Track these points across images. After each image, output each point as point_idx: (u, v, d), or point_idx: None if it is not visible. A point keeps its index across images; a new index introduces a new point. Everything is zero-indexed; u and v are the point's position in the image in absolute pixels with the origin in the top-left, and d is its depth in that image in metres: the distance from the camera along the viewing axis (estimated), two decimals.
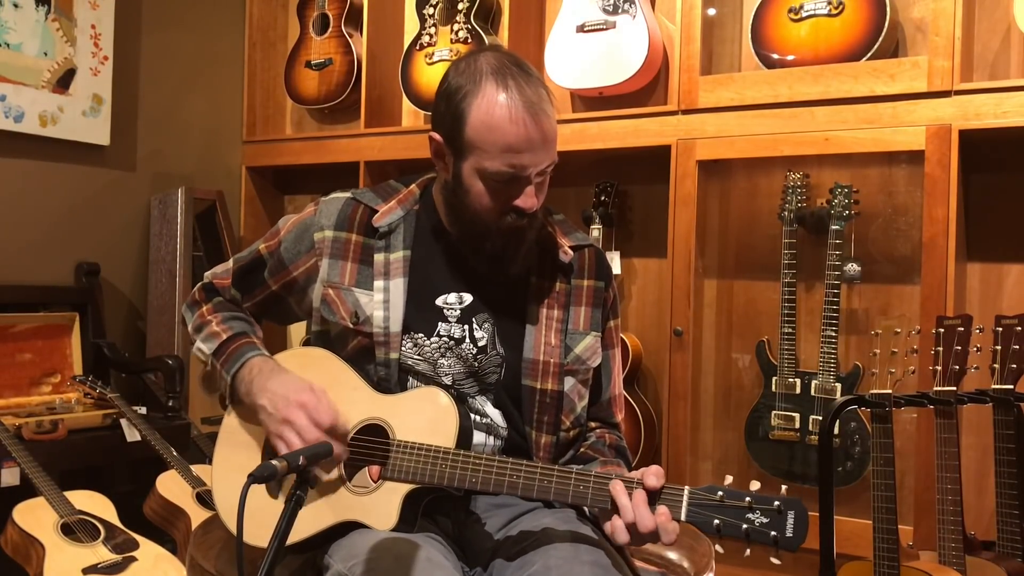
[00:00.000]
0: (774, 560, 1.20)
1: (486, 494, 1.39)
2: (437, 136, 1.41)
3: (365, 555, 1.24)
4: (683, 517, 1.21)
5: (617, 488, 1.23)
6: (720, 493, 1.20)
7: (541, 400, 1.44)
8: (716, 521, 1.19)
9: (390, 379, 1.43)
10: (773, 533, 1.18)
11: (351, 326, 1.44)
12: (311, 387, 1.36)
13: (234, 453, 1.47)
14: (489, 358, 1.45)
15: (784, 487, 1.25)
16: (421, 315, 1.45)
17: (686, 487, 1.22)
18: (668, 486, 1.23)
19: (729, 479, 1.24)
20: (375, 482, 1.35)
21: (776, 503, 1.18)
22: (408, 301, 1.45)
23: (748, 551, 1.21)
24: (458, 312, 1.45)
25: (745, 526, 1.19)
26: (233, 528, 1.38)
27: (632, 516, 1.21)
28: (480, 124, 1.33)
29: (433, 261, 1.48)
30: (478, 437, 1.41)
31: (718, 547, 1.23)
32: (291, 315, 1.60)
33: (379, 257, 1.47)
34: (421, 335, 1.44)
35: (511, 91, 1.33)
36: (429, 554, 1.26)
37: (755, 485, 1.22)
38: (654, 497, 1.22)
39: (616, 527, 1.23)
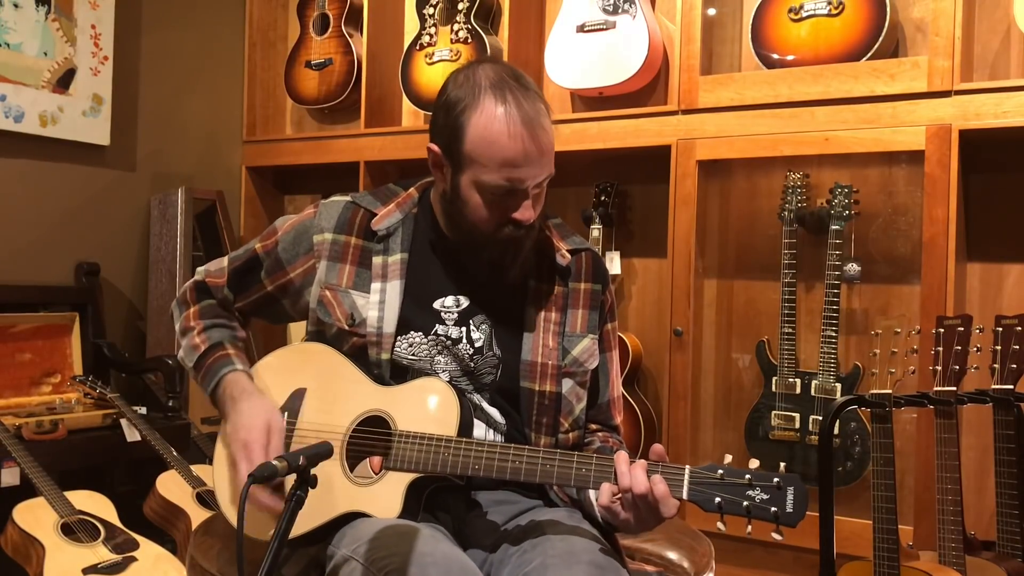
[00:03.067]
0: (776, 536, 1.20)
1: (489, 482, 1.40)
2: (435, 147, 1.42)
3: (369, 537, 1.25)
4: (684, 495, 1.22)
5: (620, 456, 1.25)
6: (720, 471, 1.21)
7: (539, 402, 1.45)
8: (717, 499, 1.20)
9: (383, 379, 1.44)
10: (773, 509, 1.19)
11: (346, 328, 1.45)
12: (266, 424, 1.37)
13: None
14: (485, 359, 1.46)
15: (783, 466, 1.25)
16: (418, 317, 1.46)
17: (687, 466, 1.23)
18: (669, 464, 1.24)
19: (729, 458, 1.24)
20: (377, 473, 1.35)
21: (775, 480, 1.20)
22: (405, 303, 1.45)
23: (749, 528, 1.21)
24: (455, 315, 1.46)
25: (746, 503, 1.20)
26: (234, 522, 1.39)
27: (628, 481, 1.22)
28: (478, 138, 1.34)
29: (431, 264, 1.48)
30: (478, 430, 1.42)
31: (720, 525, 1.23)
32: (283, 316, 1.60)
33: (377, 260, 1.48)
34: (418, 334, 1.45)
35: (509, 105, 1.33)
36: (432, 532, 1.28)
37: (754, 463, 1.23)
38: (655, 465, 1.23)
39: (604, 488, 1.24)
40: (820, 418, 2.54)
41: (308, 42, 3.57)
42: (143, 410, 2.83)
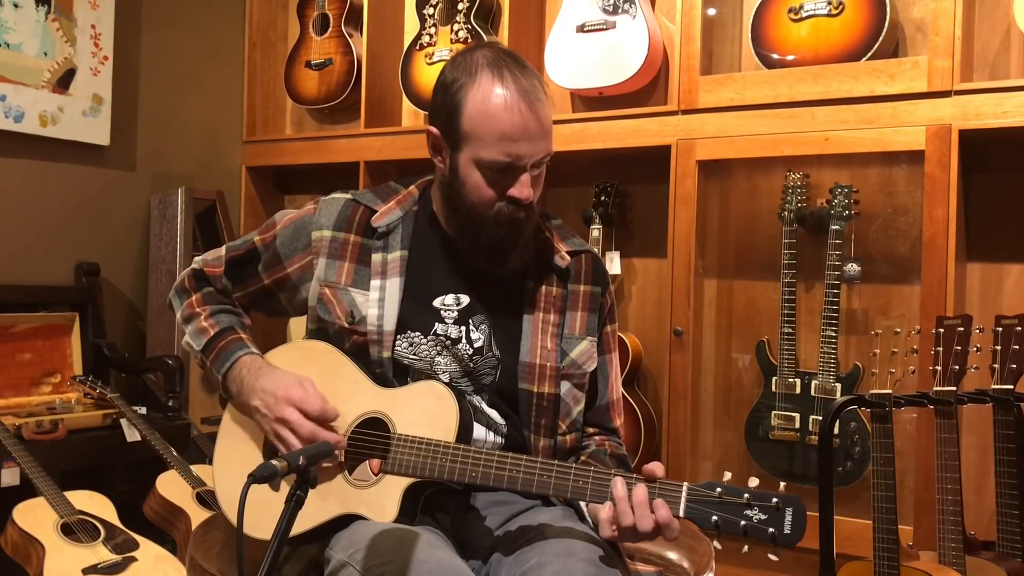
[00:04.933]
0: (772, 556, 1.20)
1: (486, 488, 1.40)
2: (434, 129, 1.42)
3: (366, 542, 1.25)
4: (681, 513, 1.21)
5: (618, 483, 1.24)
6: (719, 489, 1.20)
7: (538, 404, 1.44)
8: (714, 517, 1.20)
9: (385, 377, 1.43)
10: (771, 530, 1.18)
11: (346, 326, 1.45)
12: (299, 380, 1.39)
13: (236, 445, 1.47)
14: (484, 359, 1.46)
15: (783, 486, 1.25)
16: (417, 315, 1.45)
17: (684, 483, 1.22)
18: (667, 482, 1.23)
19: (728, 475, 1.24)
20: (375, 475, 1.35)
21: (774, 500, 1.19)
22: (404, 301, 1.45)
23: (746, 547, 1.21)
24: (455, 314, 1.46)
25: (743, 523, 1.19)
26: (234, 519, 1.39)
27: (631, 520, 1.21)
28: (476, 113, 1.35)
29: (431, 262, 1.48)
30: (478, 432, 1.42)
31: (716, 543, 1.23)
32: (280, 310, 1.60)
33: (377, 257, 1.47)
34: (417, 334, 1.45)
35: (506, 80, 1.34)
36: (429, 539, 1.27)
37: (754, 482, 1.22)
38: (654, 487, 1.22)
39: (603, 518, 1.23)
40: (820, 418, 2.54)
41: (308, 42, 3.57)
42: (143, 410, 2.83)
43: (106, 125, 3.17)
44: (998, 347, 1.95)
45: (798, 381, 2.60)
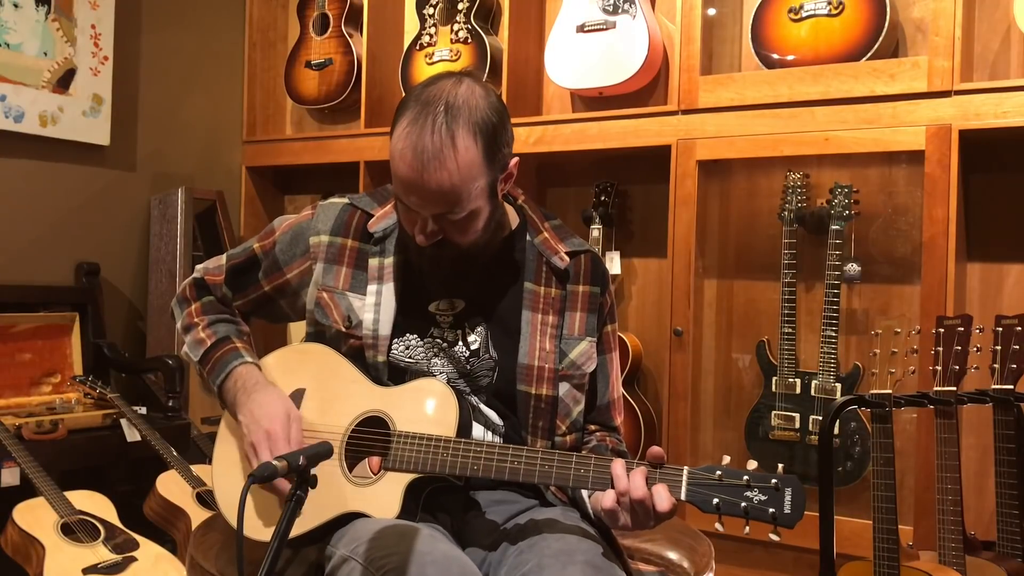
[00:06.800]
0: (773, 536, 1.20)
1: (487, 483, 1.40)
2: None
3: (368, 537, 1.25)
4: (683, 496, 1.22)
5: (617, 464, 1.24)
6: (718, 472, 1.21)
7: (536, 405, 1.45)
8: (715, 500, 1.20)
9: (381, 380, 1.44)
10: (771, 510, 1.19)
11: (344, 330, 1.45)
12: (286, 413, 1.38)
13: (235, 448, 1.47)
14: (481, 361, 1.46)
15: (781, 467, 1.25)
16: (413, 320, 1.46)
17: (685, 467, 1.23)
18: (667, 465, 1.24)
19: (727, 459, 1.24)
20: (376, 474, 1.35)
21: (773, 481, 1.20)
22: (400, 305, 1.46)
23: (747, 528, 1.21)
24: (451, 318, 1.46)
25: (744, 504, 1.20)
26: (234, 522, 1.39)
27: (626, 485, 1.22)
28: (391, 149, 1.34)
29: (426, 266, 1.48)
30: (476, 431, 1.42)
31: (718, 525, 1.23)
32: (282, 316, 1.61)
33: (373, 262, 1.48)
34: (414, 337, 1.45)
35: (411, 133, 1.29)
36: (431, 532, 1.28)
37: (752, 464, 1.23)
38: (655, 468, 1.23)
39: (606, 495, 1.24)
40: (820, 418, 2.54)
41: (308, 42, 3.57)
42: (143, 410, 2.83)
43: (106, 125, 3.17)
44: (998, 347, 1.96)
45: (798, 381, 2.60)
